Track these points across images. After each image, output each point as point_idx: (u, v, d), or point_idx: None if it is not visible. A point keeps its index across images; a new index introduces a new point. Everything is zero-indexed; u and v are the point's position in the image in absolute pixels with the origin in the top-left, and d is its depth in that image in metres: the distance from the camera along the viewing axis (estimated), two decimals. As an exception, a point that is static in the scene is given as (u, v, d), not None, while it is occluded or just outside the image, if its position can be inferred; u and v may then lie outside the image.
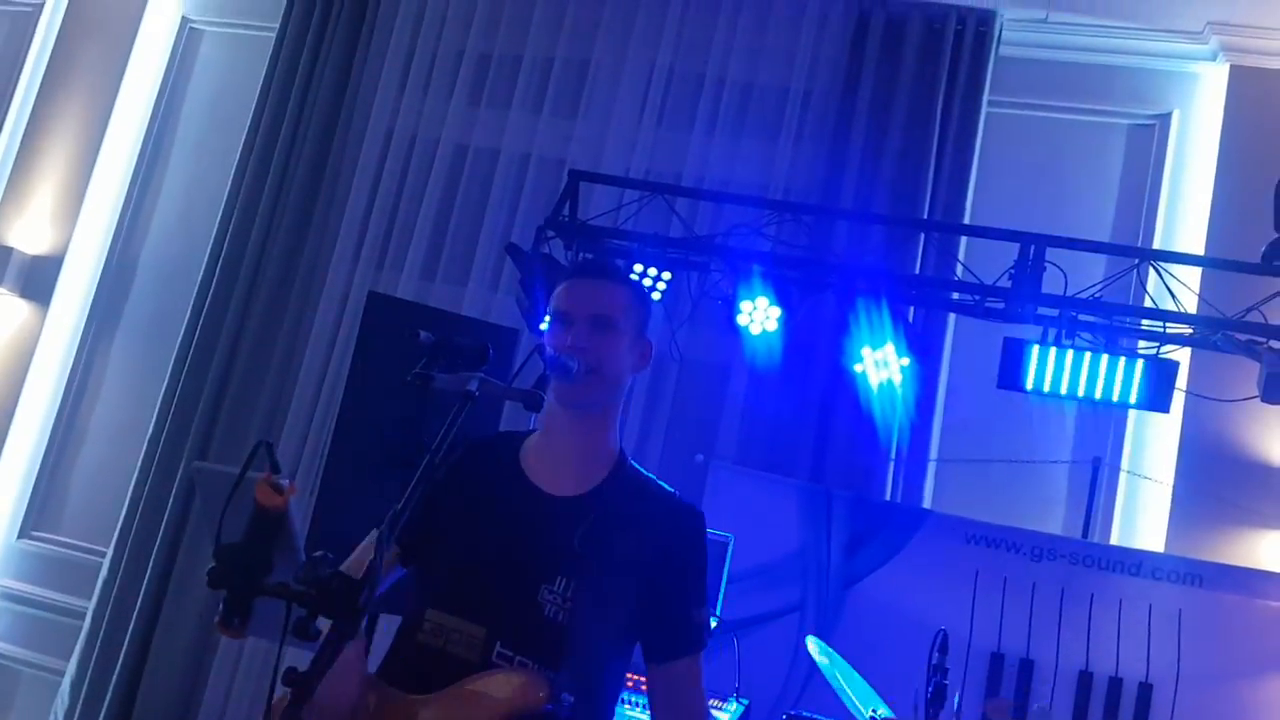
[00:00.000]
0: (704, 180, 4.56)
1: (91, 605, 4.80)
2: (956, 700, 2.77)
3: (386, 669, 1.89)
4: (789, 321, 3.85)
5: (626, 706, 3.09)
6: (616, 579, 1.82)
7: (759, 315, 3.82)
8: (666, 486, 2.00)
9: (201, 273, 5.01)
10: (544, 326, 3.70)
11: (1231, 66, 4.32)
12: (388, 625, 2.08)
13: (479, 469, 1.96)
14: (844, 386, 4.07)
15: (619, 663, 1.94)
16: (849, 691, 2.82)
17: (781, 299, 3.80)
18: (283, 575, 1.48)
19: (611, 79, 4.81)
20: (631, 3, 4.84)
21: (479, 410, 1.76)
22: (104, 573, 4.81)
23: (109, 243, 5.41)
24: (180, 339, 4.97)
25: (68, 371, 5.32)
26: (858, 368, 3.87)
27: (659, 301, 3.98)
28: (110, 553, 4.83)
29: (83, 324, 5.36)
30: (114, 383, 5.30)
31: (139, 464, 4.89)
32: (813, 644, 3.17)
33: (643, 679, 1.96)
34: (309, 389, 4.78)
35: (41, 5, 5.56)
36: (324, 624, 1.44)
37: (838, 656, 3.04)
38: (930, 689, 2.45)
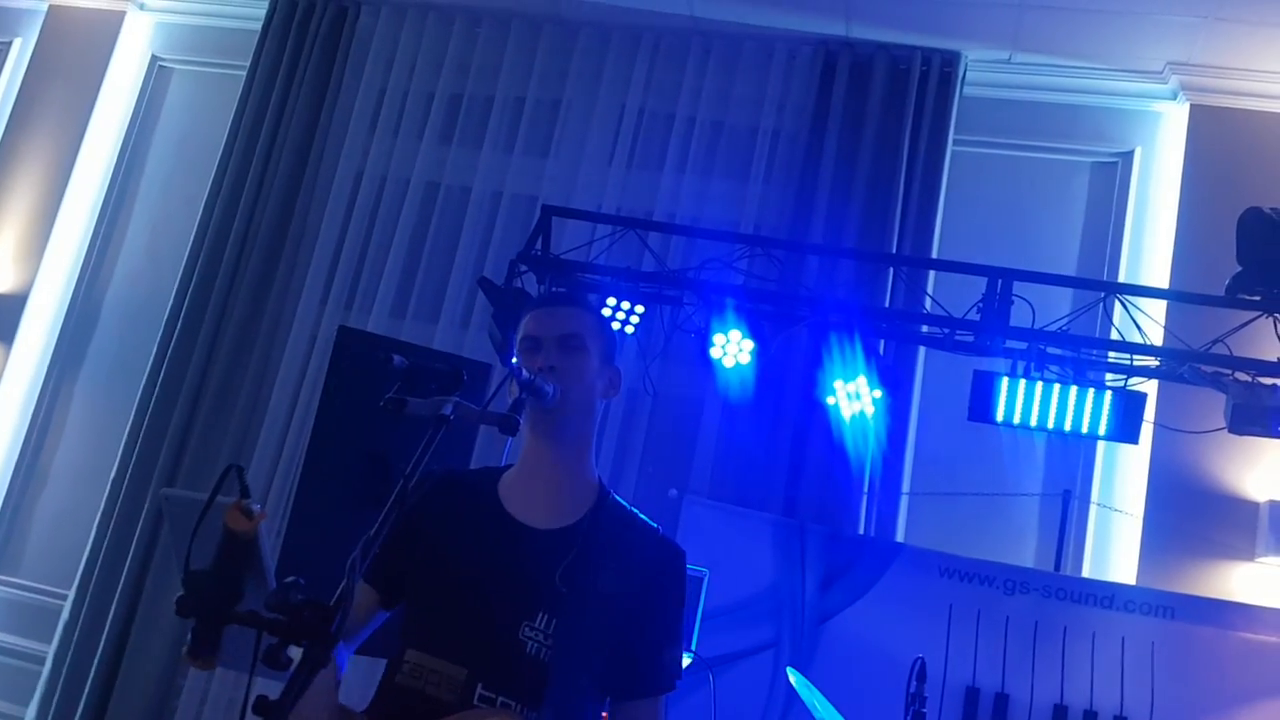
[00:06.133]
0: (675, 218, 4.58)
1: (52, 650, 4.69)
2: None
3: (371, 713, 1.83)
4: (762, 354, 3.84)
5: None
6: (598, 616, 1.78)
7: (732, 348, 3.82)
8: (650, 522, 1.95)
9: (167, 313, 4.96)
10: (515, 361, 3.71)
11: (1191, 105, 4.42)
12: (374, 667, 2.02)
13: (455, 503, 1.91)
14: (817, 419, 4.07)
15: (596, 703, 1.88)
16: (826, 722, 2.80)
17: (754, 332, 3.80)
18: (254, 603, 1.45)
19: (582, 119, 4.85)
20: (601, 44, 4.89)
21: (454, 437, 1.73)
22: (65, 616, 4.71)
23: (74, 282, 5.34)
24: (145, 379, 4.91)
25: (30, 411, 5.22)
26: (830, 400, 3.87)
27: (632, 335, 3.98)
28: (72, 596, 4.73)
29: (47, 363, 5.27)
30: (77, 423, 5.21)
31: (102, 506, 4.80)
32: (792, 675, 3.15)
33: None
34: (275, 431, 4.73)
35: (10, 43, 5.55)
36: (296, 653, 1.40)
37: (816, 691, 3.01)
38: (909, 717, 2.44)
